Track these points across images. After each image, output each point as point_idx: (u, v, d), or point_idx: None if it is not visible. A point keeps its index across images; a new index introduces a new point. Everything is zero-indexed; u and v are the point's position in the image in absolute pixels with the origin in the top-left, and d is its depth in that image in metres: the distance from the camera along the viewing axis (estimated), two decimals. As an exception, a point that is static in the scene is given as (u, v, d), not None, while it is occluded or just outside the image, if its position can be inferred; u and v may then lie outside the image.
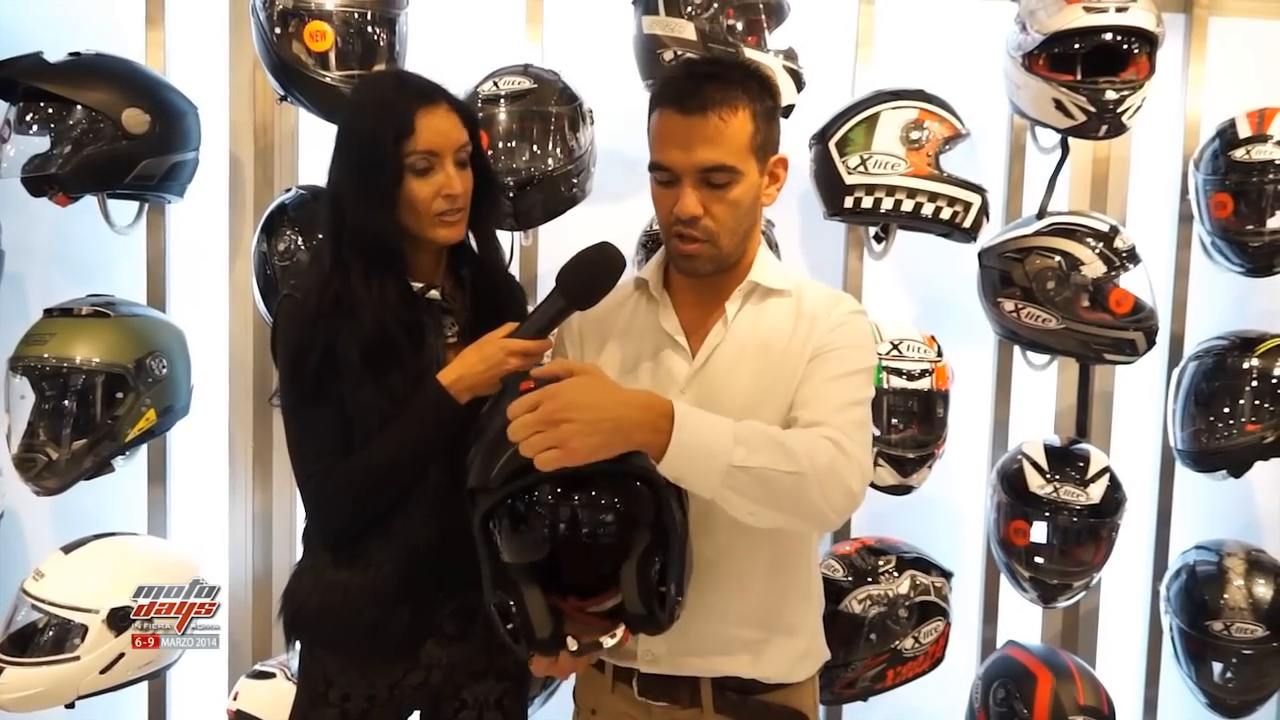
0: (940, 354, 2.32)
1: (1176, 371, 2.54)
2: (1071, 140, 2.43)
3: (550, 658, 1.29)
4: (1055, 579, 2.35)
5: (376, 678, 1.56)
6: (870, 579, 2.29)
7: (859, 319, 1.47)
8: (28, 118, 2.08)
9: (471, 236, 1.61)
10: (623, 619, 1.25)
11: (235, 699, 2.23)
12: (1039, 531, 2.36)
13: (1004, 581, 2.50)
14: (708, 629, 1.44)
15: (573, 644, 1.24)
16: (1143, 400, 2.74)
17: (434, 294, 1.55)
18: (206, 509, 2.54)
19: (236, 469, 2.52)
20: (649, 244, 2.32)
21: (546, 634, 1.25)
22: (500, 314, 1.54)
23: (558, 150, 2.16)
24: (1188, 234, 2.62)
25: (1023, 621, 2.64)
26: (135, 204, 2.33)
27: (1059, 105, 2.25)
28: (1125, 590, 2.76)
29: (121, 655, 2.14)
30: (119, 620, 2.12)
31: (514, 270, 2.31)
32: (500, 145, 2.13)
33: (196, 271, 2.52)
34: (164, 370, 2.22)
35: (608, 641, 1.24)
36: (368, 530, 1.51)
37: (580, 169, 2.22)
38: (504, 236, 2.14)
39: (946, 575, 2.39)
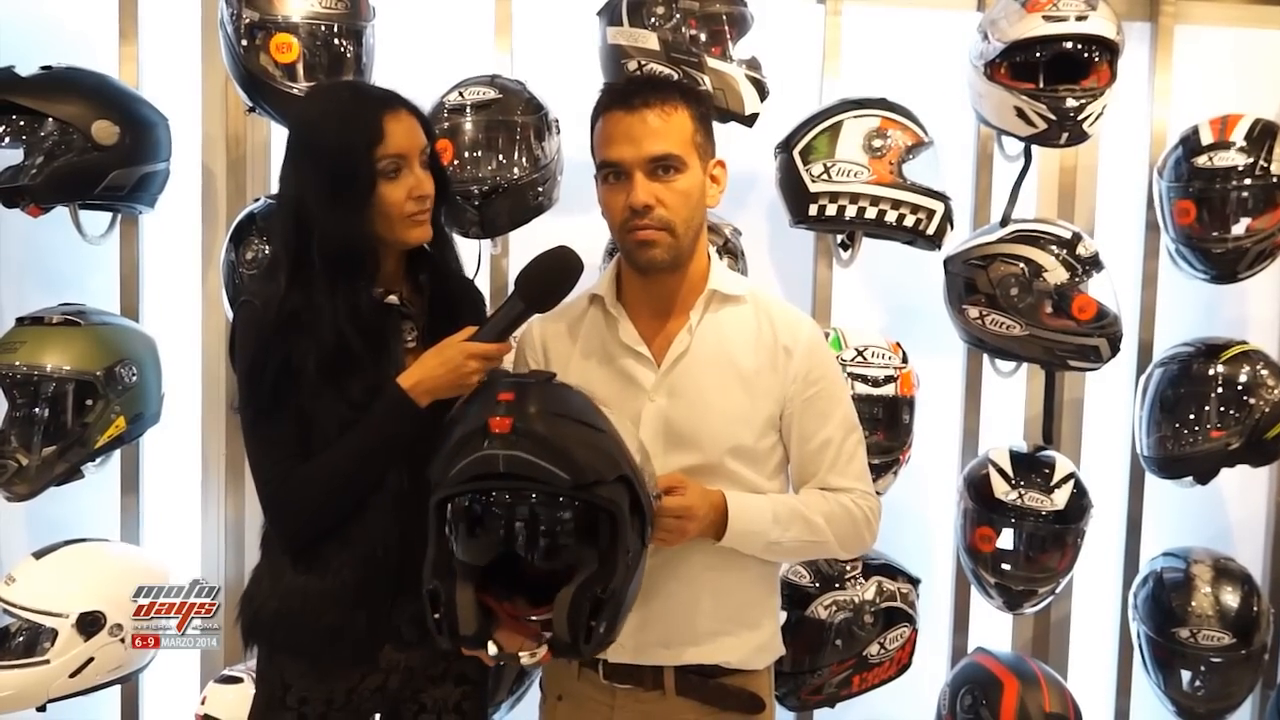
0: (905, 360, 2.33)
1: (1142, 379, 2.55)
2: (1038, 149, 2.45)
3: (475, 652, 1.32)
4: (1020, 585, 2.35)
5: (335, 682, 1.56)
6: (836, 585, 2.29)
7: (819, 335, 1.60)
8: (0, 130, 2.10)
9: (436, 247, 1.63)
10: (548, 641, 1.25)
11: (203, 703, 2.23)
12: (1005, 538, 2.36)
13: (974, 589, 2.50)
14: (676, 623, 1.51)
15: (492, 649, 1.25)
16: (1113, 408, 2.74)
17: (392, 299, 1.55)
18: (179, 516, 2.54)
19: (209, 476, 2.52)
20: (615, 252, 2.30)
21: (470, 632, 1.25)
22: (458, 318, 1.55)
23: (523, 159, 2.19)
24: (1155, 242, 2.63)
25: (994, 629, 2.65)
26: (108, 215, 2.34)
27: (1020, 113, 2.27)
28: (1097, 598, 2.76)
29: (91, 659, 2.15)
30: (88, 625, 2.13)
31: (483, 278, 2.35)
32: (466, 154, 2.16)
33: (170, 281, 2.53)
34: (134, 378, 2.23)
35: (525, 658, 1.24)
36: (327, 534, 1.51)
37: (546, 177, 2.24)
38: (470, 245, 2.20)
39: (914, 581, 2.39)
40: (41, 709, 2.15)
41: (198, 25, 2.45)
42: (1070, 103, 2.23)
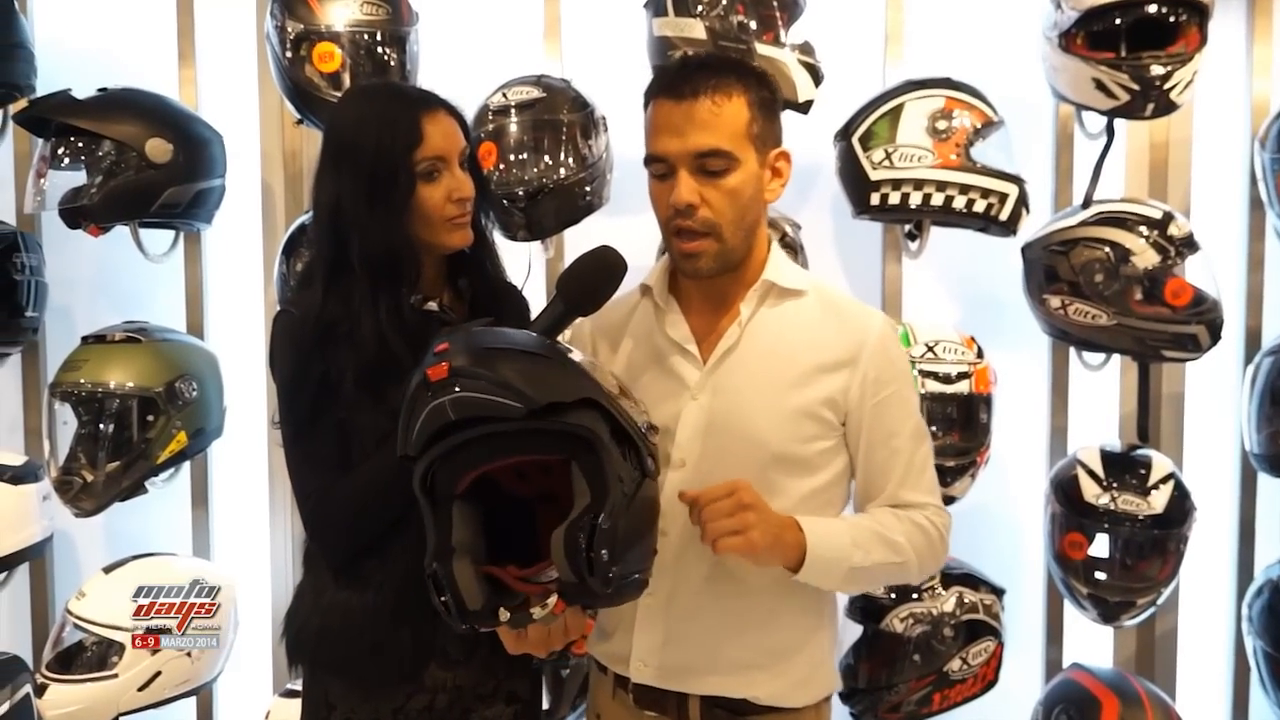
0: (980, 355, 2.20)
1: (1250, 369, 2.34)
2: (1125, 125, 2.29)
3: (502, 630, 1.26)
4: (1117, 596, 2.18)
5: (380, 702, 1.51)
6: (914, 596, 2.17)
7: (892, 332, 1.46)
8: (60, 152, 2.17)
9: (477, 251, 1.59)
10: (556, 587, 1.18)
11: (267, 717, 2.24)
12: (1099, 545, 2.19)
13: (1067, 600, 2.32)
14: (698, 648, 1.39)
15: (504, 614, 1.18)
16: (1218, 402, 2.53)
17: (432, 305, 1.53)
18: (248, 529, 2.57)
19: (276, 491, 2.54)
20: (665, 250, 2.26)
21: (477, 606, 1.19)
22: (500, 324, 1.46)
23: (569, 158, 2.14)
24: (1261, 221, 2.43)
25: (1092, 644, 2.47)
26: (169, 234, 2.40)
27: (1100, 85, 2.11)
28: (1206, 610, 2.55)
29: (159, 673, 2.18)
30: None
31: (536, 282, 2.28)
32: (511, 156, 2.12)
33: (233, 297, 2.57)
34: (194, 393, 2.27)
35: (538, 611, 1.17)
36: (368, 550, 1.48)
37: (595, 176, 2.19)
38: (521, 249, 2.15)
39: (998, 592, 2.25)
40: (116, 723, 2.17)
41: (253, 45, 2.48)
42: (1155, 70, 2.06)
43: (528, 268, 2.08)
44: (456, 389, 1.13)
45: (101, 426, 2.19)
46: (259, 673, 2.52)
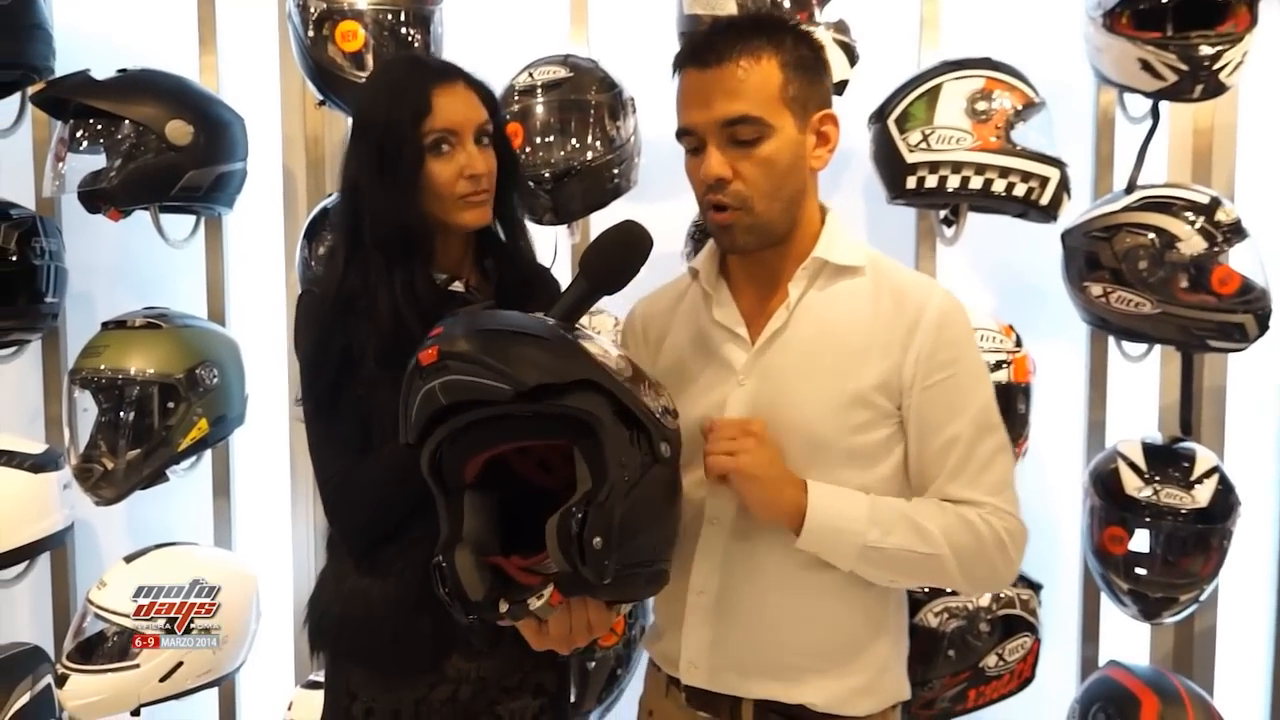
0: (1019, 344, 2.13)
1: (1297, 359, 2.27)
2: (1168, 109, 2.22)
3: (524, 625, 1.23)
4: (1159, 592, 2.11)
5: (401, 691, 1.49)
6: (948, 590, 2.09)
7: (956, 309, 1.33)
8: (79, 134, 2.13)
9: (498, 226, 1.55)
10: (552, 576, 1.15)
11: (289, 709, 2.22)
12: (1139, 540, 2.13)
13: (1105, 596, 2.27)
14: (751, 648, 1.33)
15: (503, 605, 1.16)
16: (1262, 395, 2.46)
17: (457, 286, 1.49)
18: (271, 519, 2.55)
19: (298, 480, 2.51)
20: (697, 235, 2.22)
21: (479, 597, 1.17)
22: (533, 308, 1.44)
23: (597, 140, 2.10)
24: (1309, 206, 2.35)
25: (1129, 641, 2.41)
26: (190, 219, 2.37)
27: (1146, 66, 2.04)
28: (1246, 607, 2.48)
29: (180, 664, 2.16)
30: None
31: (561, 266, 2.23)
32: (537, 138, 2.08)
33: (255, 283, 2.54)
34: (215, 380, 2.24)
35: (534, 602, 1.14)
36: (388, 536, 1.45)
37: (623, 159, 2.15)
38: (546, 232, 2.12)
39: (1035, 587, 2.19)
40: (135, 713, 2.16)
41: (274, 29, 2.45)
42: (1204, 50, 1.99)
43: (553, 252, 2.10)
44: (447, 373, 1.11)
45: (122, 414, 2.17)
46: (281, 664, 2.50)
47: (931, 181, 2.08)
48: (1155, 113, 2.19)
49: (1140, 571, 2.13)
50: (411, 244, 1.41)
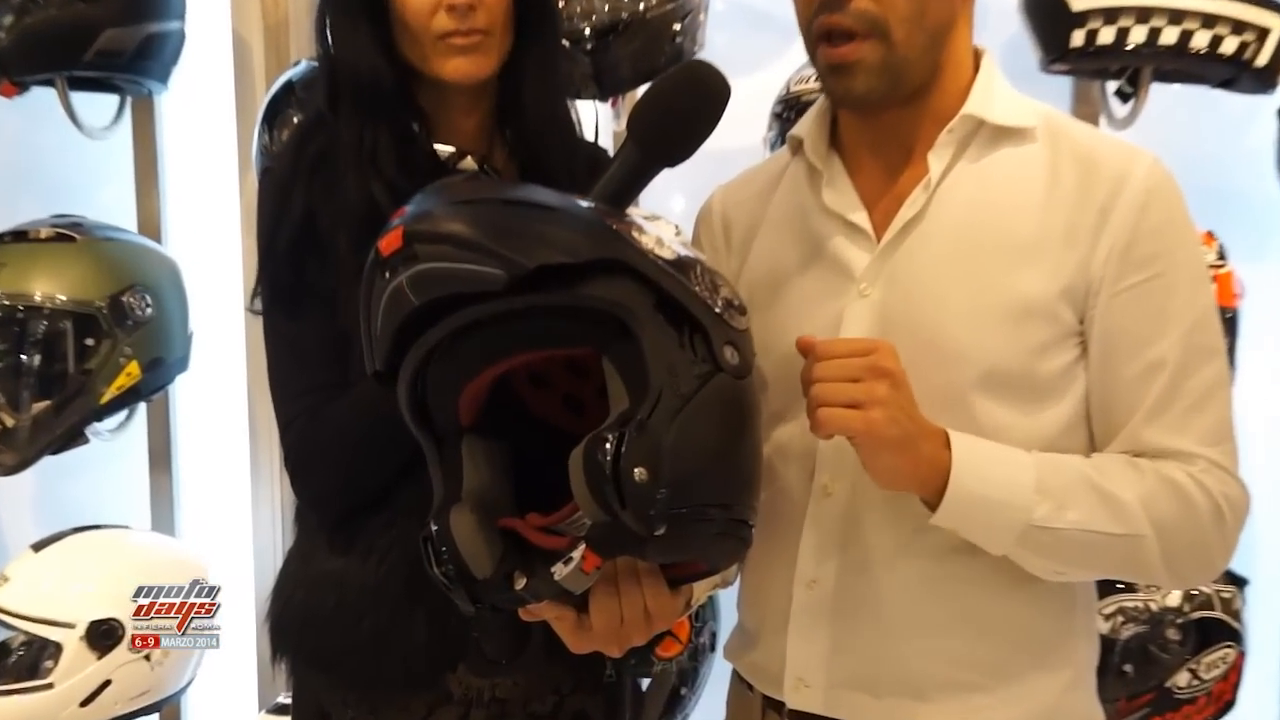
0: (1222, 257, 1.80)
1: None
2: None
3: (558, 621, 1.01)
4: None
5: (388, 714, 1.28)
6: (1121, 584, 1.77)
7: (1166, 182, 1.05)
8: (-43, -13, 1.86)
9: (528, 86, 1.30)
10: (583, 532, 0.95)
11: (254, 738, 1.93)
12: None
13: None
14: (884, 659, 1.10)
15: (519, 580, 0.96)
16: None
17: (468, 162, 1.27)
18: (225, 498, 2.34)
19: (260, 446, 2.25)
20: (784, 114, 1.89)
21: (487, 573, 0.96)
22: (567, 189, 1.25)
23: (652, -16, 1.80)
24: None
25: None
26: (114, 100, 2.08)
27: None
28: None
29: (107, 682, 1.89)
30: (101, 637, 1.86)
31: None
32: (576, -19, 1.77)
33: (199, 185, 2.28)
34: (148, 310, 1.97)
35: (560, 570, 0.93)
36: (371, 502, 1.25)
37: (686, 10, 1.85)
38: (584, 109, 1.76)
39: (1239, 583, 1.85)
40: (55, 755, 1.96)
41: None
42: None
43: (594, 136, 1.83)
44: (415, 261, 0.91)
45: (24, 354, 1.91)
46: (241, 681, 2.27)
47: (1107, 36, 1.75)
48: None
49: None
50: (383, 98, 1.24)
